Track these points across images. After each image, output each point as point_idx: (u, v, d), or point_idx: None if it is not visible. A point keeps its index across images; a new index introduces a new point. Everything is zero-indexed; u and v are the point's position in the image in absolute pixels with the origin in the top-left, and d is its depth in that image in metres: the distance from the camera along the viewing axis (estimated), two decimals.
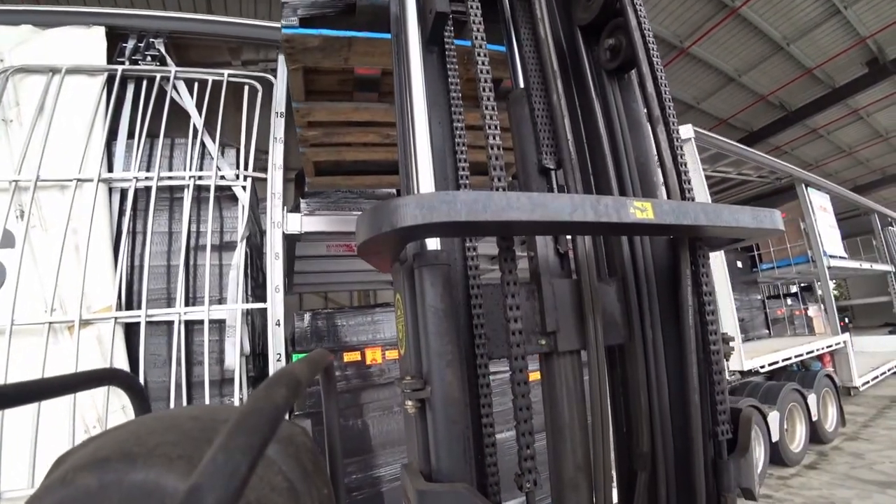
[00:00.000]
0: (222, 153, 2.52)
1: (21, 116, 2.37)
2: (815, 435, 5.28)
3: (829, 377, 5.82)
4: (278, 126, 2.72)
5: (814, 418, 5.23)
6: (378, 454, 2.46)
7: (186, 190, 2.37)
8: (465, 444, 0.89)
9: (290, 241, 2.96)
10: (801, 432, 5.11)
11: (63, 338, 2.09)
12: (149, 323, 2.19)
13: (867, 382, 6.77)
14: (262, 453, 0.31)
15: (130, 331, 2.19)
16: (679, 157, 1.07)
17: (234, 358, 2.14)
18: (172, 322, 2.21)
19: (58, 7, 2.70)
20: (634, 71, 1.23)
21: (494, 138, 0.95)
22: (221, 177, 2.44)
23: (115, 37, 2.69)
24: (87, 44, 2.60)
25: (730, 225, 0.94)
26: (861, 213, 9.58)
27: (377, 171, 3.11)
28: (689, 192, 1.06)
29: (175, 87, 2.62)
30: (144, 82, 2.59)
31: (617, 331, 1.10)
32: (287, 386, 0.42)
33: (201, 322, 2.22)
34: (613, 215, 0.81)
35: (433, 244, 0.99)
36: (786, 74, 9.86)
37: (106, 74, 2.53)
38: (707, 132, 5.24)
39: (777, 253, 7.56)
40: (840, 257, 7.13)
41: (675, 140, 1.08)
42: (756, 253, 7.97)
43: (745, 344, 5.23)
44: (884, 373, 7.36)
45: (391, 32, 1.38)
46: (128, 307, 2.22)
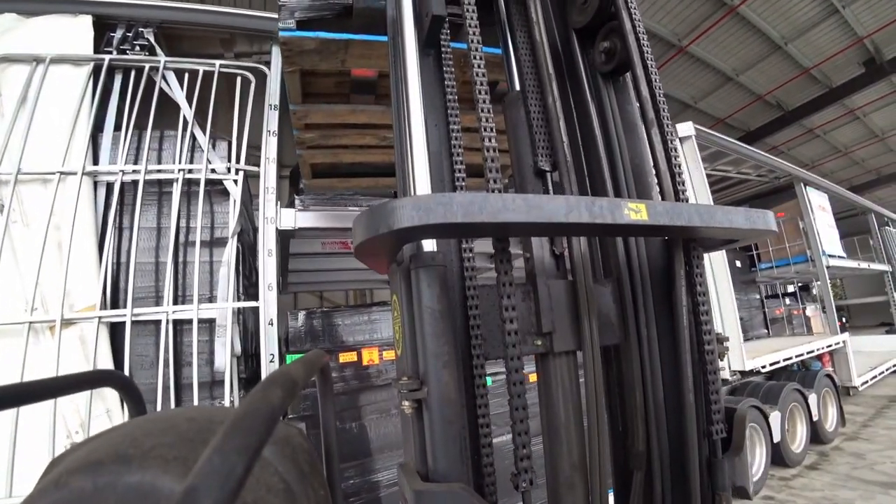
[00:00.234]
0: (213, 146, 2.43)
1: (2, 107, 2.28)
2: (816, 435, 5.24)
3: (829, 377, 5.80)
4: (272, 119, 2.63)
5: (814, 418, 5.19)
6: (376, 458, 2.38)
7: (175, 184, 2.28)
8: (462, 445, 0.90)
9: (284, 238, 2.87)
10: (802, 432, 5.07)
11: (44, 338, 1.99)
12: (135, 323, 2.10)
13: (866, 382, 6.76)
14: (259, 454, 0.31)
15: (116, 331, 2.09)
16: (673, 159, 1.09)
17: (225, 359, 2.05)
18: (160, 322, 2.12)
19: None
20: (629, 73, 1.24)
21: (490, 140, 0.96)
22: (212, 170, 2.35)
23: (103, 26, 2.61)
24: (74, 33, 2.51)
25: (723, 226, 0.95)
26: (858, 213, 9.60)
27: (374, 174, 3.12)
28: (683, 194, 1.07)
29: (164, 78, 2.53)
30: (133, 73, 2.50)
31: (612, 331, 1.12)
32: (283, 387, 0.41)
33: (190, 322, 2.13)
34: (608, 216, 0.82)
35: (429, 245, 1.01)
36: (783, 74, 9.88)
37: (92, 64, 2.44)
38: (708, 130, 5.20)
39: (776, 252, 7.54)
40: (839, 257, 7.12)
41: (670, 142, 1.10)
42: (755, 252, 7.95)
43: (746, 344, 5.17)
44: (882, 372, 7.35)
45: (388, 35, 1.38)
46: (113, 306, 2.12)
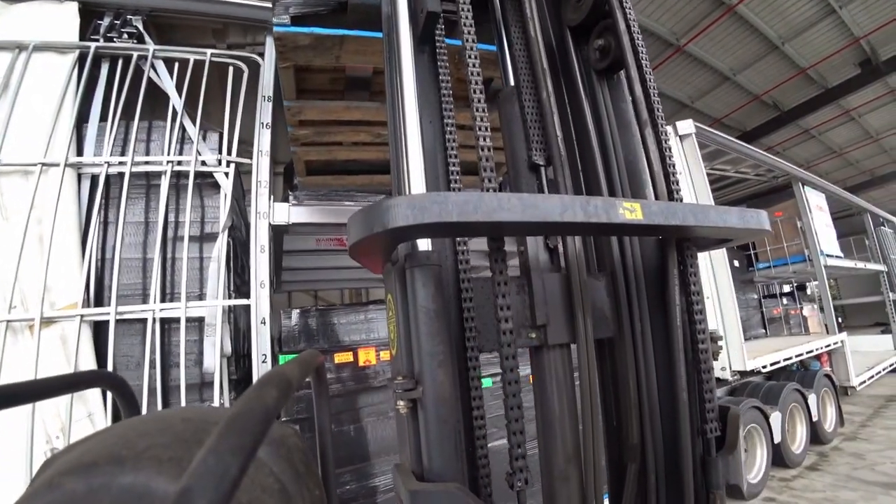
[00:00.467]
0: (204, 137, 2.33)
1: None
2: (815, 435, 5.21)
3: (828, 377, 5.78)
4: (266, 111, 2.54)
5: (814, 419, 5.16)
6: (373, 462, 2.29)
7: (164, 176, 2.18)
8: (457, 444, 0.90)
9: (278, 234, 2.77)
10: (802, 433, 5.04)
11: (23, 338, 1.89)
12: (121, 321, 2.00)
13: (864, 382, 6.75)
14: (254, 455, 0.31)
15: (100, 330, 1.99)
16: (667, 159, 1.09)
17: (214, 359, 1.95)
18: (147, 320, 2.02)
19: None
20: (623, 72, 1.25)
21: (485, 140, 0.96)
22: (202, 162, 2.25)
23: (90, 13, 2.50)
24: (59, 19, 2.41)
25: (717, 225, 0.95)
26: (854, 213, 9.61)
27: (368, 171, 3.09)
28: (678, 193, 1.07)
29: (153, 67, 2.43)
30: (120, 61, 2.40)
31: (606, 324, 1.12)
32: (278, 387, 0.41)
33: (178, 320, 2.04)
34: (603, 216, 0.82)
35: (424, 245, 1.00)
36: (780, 74, 9.86)
37: (77, 52, 2.34)
38: (707, 128, 5.16)
39: (773, 252, 7.53)
40: (836, 256, 7.12)
41: (664, 142, 1.10)
42: (752, 252, 7.93)
43: (745, 343, 5.14)
44: (879, 372, 7.35)
45: (382, 31, 1.38)
46: (98, 304, 2.02)
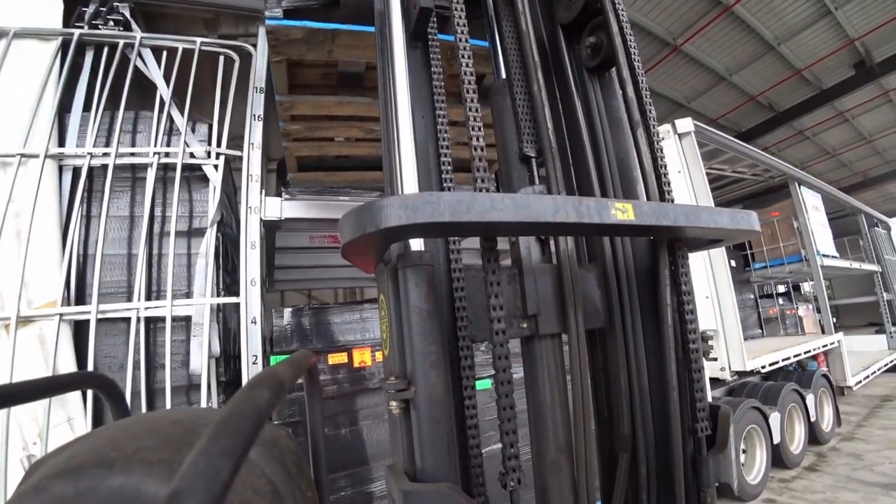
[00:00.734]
0: (192, 129, 2.24)
1: None
2: (813, 436, 5.18)
3: (826, 377, 5.76)
4: (257, 102, 2.45)
5: (812, 419, 5.13)
6: (369, 467, 2.20)
7: (150, 168, 2.08)
8: (450, 444, 0.90)
9: (269, 230, 2.68)
10: (801, 433, 5.01)
11: None
12: (103, 321, 1.91)
13: (860, 382, 6.75)
14: (245, 456, 0.30)
15: (81, 330, 1.90)
16: (659, 160, 1.09)
17: (201, 360, 1.86)
18: (130, 319, 1.92)
19: None
20: (615, 71, 1.26)
21: (478, 139, 0.95)
22: (191, 154, 2.15)
23: (74, 0, 2.40)
24: (41, 5, 2.30)
25: (708, 226, 0.96)
26: (848, 214, 9.64)
27: (360, 167, 3.05)
28: (669, 194, 1.08)
29: (140, 56, 2.33)
30: (105, 49, 2.31)
31: (597, 315, 1.13)
32: (269, 388, 0.41)
33: (164, 320, 1.94)
34: (595, 216, 0.82)
35: (417, 244, 1.00)
36: (776, 74, 9.88)
37: (60, 39, 2.24)
38: (706, 126, 5.12)
39: (770, 252, 7.52)
40: (832, 256, 7.11)
41: (656, 143, 1.10)
42: (749, 252, 7.92)
43: (744, 343, 5.10)
44: (874, 372, 7.37)
45: (375, 27, 1.38)
46: (79, 303, 1.92)
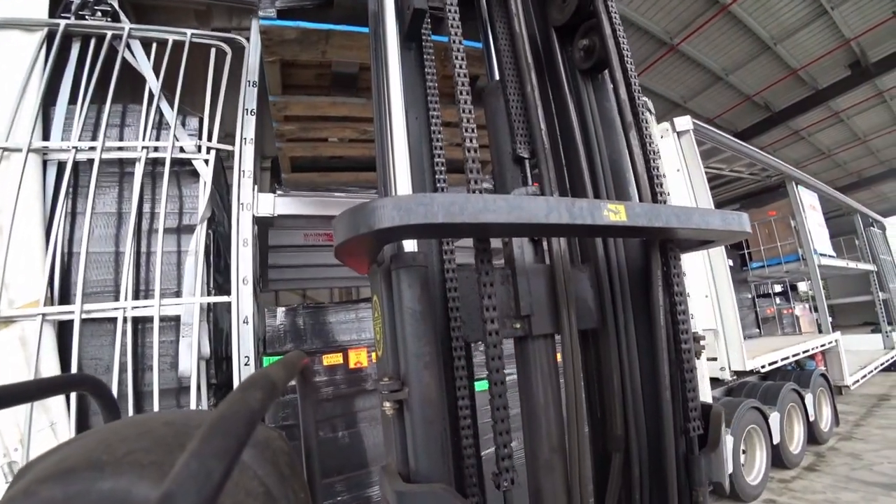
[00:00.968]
0: (183, 123, 2.17)
1: None
2: (812, 435, 5.17)
3: (824, 376, 5.75)
4: (250, 96, 2.38)
5: (811, 418, 5.12)
6: (366, 471, 2.13)
7: (138, 163, 2.01)
8: (443, 445, 0.90)
9: (262, 228, 2.62)
10: (800, 433, 4.99)
11: None
12: (89, 321, 1.83)
13: (857, 381, 6.75)
14: (238, 458, 0.30)
15: (66, 330, 1.82)
16: (651, 161, 1.09)
17: (191, 361, 1.79)
18: (117, 320, 1.85)
19: None
20: (608, 73, 1.26)
21: (471, 140, 0.95)
22: (181, 148, 2.08)
23: None
24: None
25: (700, 227, 0.96)
26: (843, 214, 9.67)
27: (354, 168, 3.04)
28: (661, 196, 1.08)
29: (129, 48, 2.26)
30: (92, 41, 2.22)
31: (590, 315, 1.13)
32: (262, 389, 0.40)
33: (152, 320, 1.87)
34: (588, 218, 0.83)
35: (410, 245, 0.99)
36: (772, 74, 9.91)
37: (46, 30, 2.16)
38: (705, 125, 5.09)
39: (767, 251, 7.52)
40: (830, 256, 7.12)
41: (648, 144, 1.10)
42: (746, 251, 7.92)
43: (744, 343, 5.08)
44: (871, 371, 7.38)
45: (369, 28, 1.37)
46: (63, 302, 1.85)
